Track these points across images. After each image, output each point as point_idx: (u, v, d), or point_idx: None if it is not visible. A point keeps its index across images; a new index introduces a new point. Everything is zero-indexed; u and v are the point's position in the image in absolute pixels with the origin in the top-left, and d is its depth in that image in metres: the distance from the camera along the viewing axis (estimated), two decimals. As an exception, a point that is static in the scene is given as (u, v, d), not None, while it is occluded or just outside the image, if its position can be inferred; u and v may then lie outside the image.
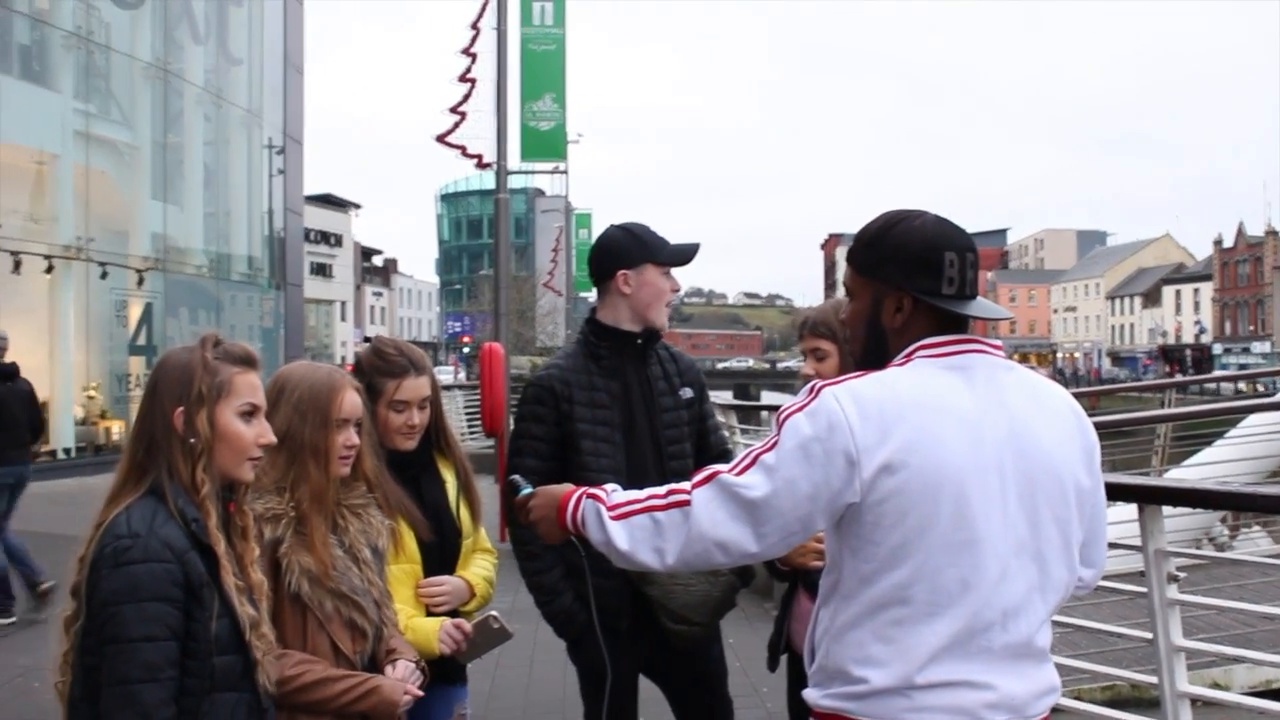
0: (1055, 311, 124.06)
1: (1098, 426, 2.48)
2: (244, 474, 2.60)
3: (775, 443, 2.23)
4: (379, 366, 3.50)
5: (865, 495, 2.16)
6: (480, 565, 3.65)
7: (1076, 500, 2.29)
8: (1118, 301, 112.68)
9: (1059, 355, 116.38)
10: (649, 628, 3.74)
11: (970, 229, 2.42)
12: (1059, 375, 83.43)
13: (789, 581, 3.76)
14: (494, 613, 3.42)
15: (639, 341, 3.86)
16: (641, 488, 2.41)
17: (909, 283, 2.30)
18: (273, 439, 2.66)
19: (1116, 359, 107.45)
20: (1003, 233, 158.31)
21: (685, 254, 3.87)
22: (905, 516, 2.14)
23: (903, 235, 2.32)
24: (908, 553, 2.15)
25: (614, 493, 2.44)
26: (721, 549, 2.25)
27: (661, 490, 2.34)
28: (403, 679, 2.96)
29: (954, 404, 2.20)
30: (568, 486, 2.55)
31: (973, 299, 2.33)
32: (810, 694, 2.34)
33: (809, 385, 2.28)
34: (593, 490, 2.46)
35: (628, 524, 2.34)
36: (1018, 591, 2.20)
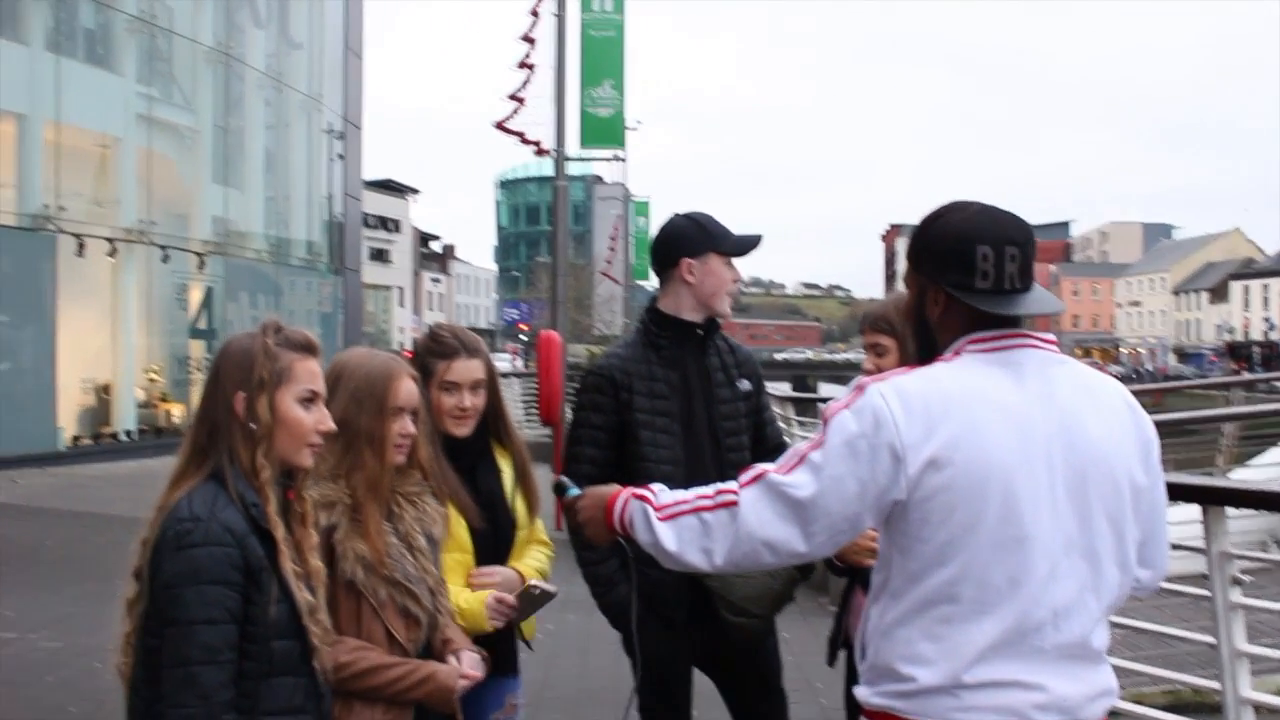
0: (1119, 306, 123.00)
1: (1160, 425, 2.42)
2: (303, 460, 2.62)
3: (821, 440, 2.22)
4: (431, 348, 3.51)
5: (911, 492, 2.14)
6: (534, 557, 3.63)
7: (1131, 497, 2.24)
8: (1184, 296, 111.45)
9: (1122, 350, 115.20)
10: (706, 620, 3.71)
11: (1033, 221, 2.38)
12: (1130, 371, 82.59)
13: (846, 577, 3.72)
14: (533, 580, 3.41)
15: (699, 332, 3.84)
16: (699, 479, 2.44)
17: (941, 277, 2.28)
18: (332, 426, 2.67)
19: (1182, 355, 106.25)
20: (1066, 225, 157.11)
21: (748, 244, 3.85)
22: (952, 513, 2.12)
23: (940, 228, 2.30)
24: (955, 550, 2.13)
25: (661, 493, 2.44)
26: (769, 549, 2.25)
27: (709, 490, 2.33)
28: (470, 669, 2.97)
29: (1000, 398, 2.17)
30: (614, 487, 2.56)
31: (1016, 293, 2.26)
32: (861, 691, 2.33)
33: (854, 382, 2.28)
34: (640, 491, 2.46)
35: (675, 524, 2.34)
36: (1069, 590, 2.17)
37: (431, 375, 3.44)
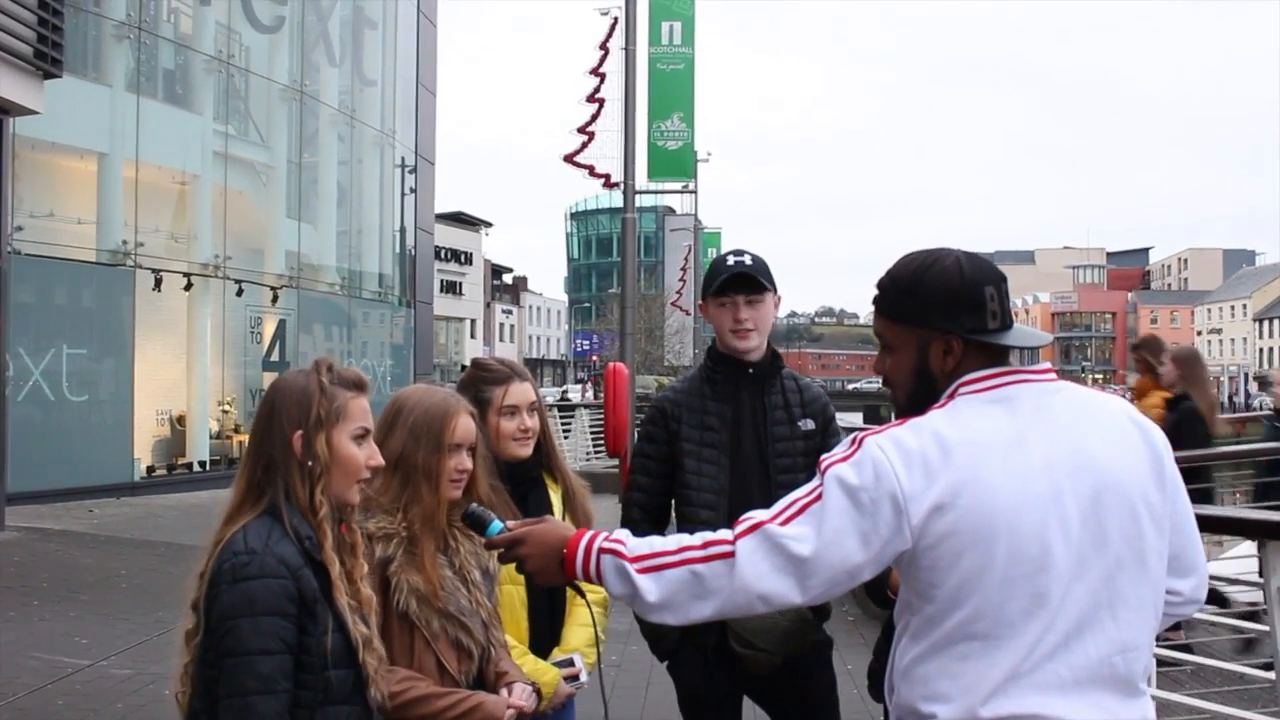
0: (1199, 334, 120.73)
1: (1238, 455, 2.39)
2: (352, 496, 2.67)
3: (820, 493, 2.20)
4: (483, 377, 3.63)
5: (917, 540, 2.15)
6: (582, 620, 3.67)
7: (1148, 514, 2.22)
8: (1266, 324, 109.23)
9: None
10: (729, 650, 3.76)
11: (1110, 248, 2.40)
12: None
13: (886, 608, 3.70)
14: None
15: (750, 370, 3.89)
16: (744, 510, 2.34)
17: (955, 324, 2.28)
18: (381, 462, 2.71)
19: (1264, 384, 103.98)
20: (1145, 251, 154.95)
21: (721, 286, 3.84)
22: (960, 558, 2.12)
23: (939, 278, 2.30)
24: (968, 593, 2.13)
25: (630, 542, 2.34)
26: (764, 600, 2.23)
27: (696, 541, 2.28)
28: (518, 700, 3.01)
29: (998, 437, 2.17)
30: (564, 534, 2.43)
31: (1012, 328, 2.31)
32: None
33: (850, 436, 2.28)
34: (607, 545, 2.34)
35: (661, 578, 2.26)
36: (1083, 610, 2.14)
37: (488, 403, 3.55)
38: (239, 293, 22.26)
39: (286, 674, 2.43)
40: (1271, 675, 3.93)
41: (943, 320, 2.28)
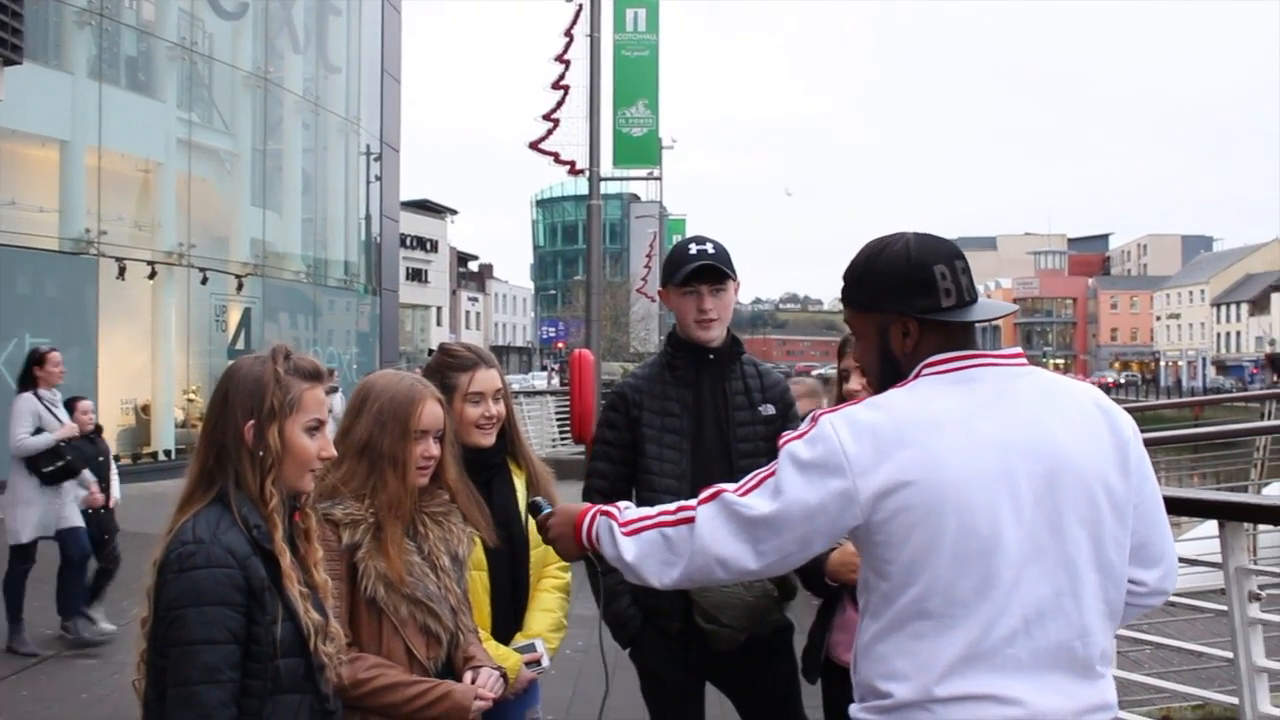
0: (1158, 319, 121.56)
1: (1197, 438, 2.42)
2: (305, 485, 2.65)
3: (776, 468, 2.29)
4: (449, 363, 3.61)
5: (868, 517, 2.19)
6: (545, 606, 3.71)
7: (1108, 500, 2.23)
8: (1223, 308, 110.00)
9: (1162, 363, 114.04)
10: (696, 630, 3.77)
11: (1071, 234, 2.39)
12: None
13: (823, 597, 3.78)
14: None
15: (710, 356, 3.90)
16: None
17: (908, 306, 2.31)
18: (333, 453, 2.69)
19: (1222, 368, 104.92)
20: (1105, 238, 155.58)
21: (684, 275, 3.84)
22: (911, 534, 2.16)
23: (888, 262, 2.34)
24: (920, 569, 2.16)
25: (626, 510, 2.52)
26: (721, 565, 2.33)
27: (672, 507, 2.42)
28: (484, 686, 3.01)
29: (952, 417, 2.20)
30: (584, 505, 2.63)
31: (974, 304, 2.34)
32: (852, 709, 2.36)
33: (809, 415, 2.34)
34: (606, 508, 2.55)
35: (638, 539, 2.43)
36: (1042, 596, 2.16)
37: (454, 389, 3.53)
38: (204, 281, 22.16)
39: (232, 664, 2.41)
40: (1229, 654, 3.98)
41: (895, 303, 2.32)
